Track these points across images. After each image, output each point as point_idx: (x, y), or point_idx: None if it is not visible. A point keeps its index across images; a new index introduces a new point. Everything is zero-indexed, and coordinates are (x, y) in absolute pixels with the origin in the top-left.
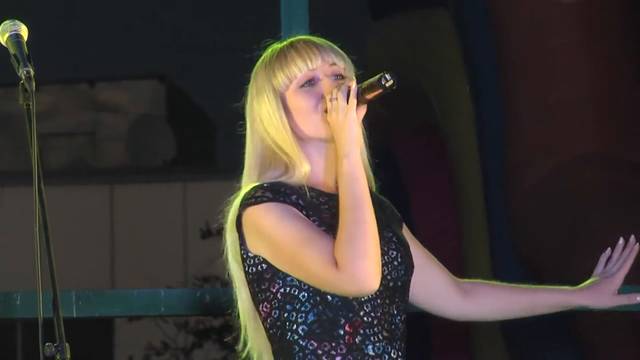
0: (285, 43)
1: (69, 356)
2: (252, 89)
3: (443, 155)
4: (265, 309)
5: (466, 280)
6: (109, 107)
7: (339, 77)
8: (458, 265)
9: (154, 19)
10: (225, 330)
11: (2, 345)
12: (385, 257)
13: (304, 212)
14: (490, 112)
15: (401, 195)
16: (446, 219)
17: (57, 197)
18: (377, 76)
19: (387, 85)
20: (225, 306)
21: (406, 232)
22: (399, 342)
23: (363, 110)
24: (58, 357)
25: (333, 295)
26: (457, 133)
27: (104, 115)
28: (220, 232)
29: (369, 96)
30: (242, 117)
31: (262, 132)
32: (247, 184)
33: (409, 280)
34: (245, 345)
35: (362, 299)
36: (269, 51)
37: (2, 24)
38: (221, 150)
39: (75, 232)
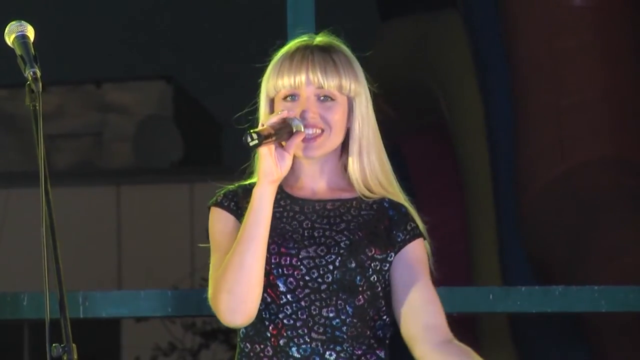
0: (290, 49)
1: (76, 357)
2: (259, 85)
3: (451, 156)
4: None
5: (456, 342)
6: (116, 108)
7: (327, 98)
8: (466, 266)
9: (161, 20)
10: (232, 332)
11: (10, 346)
12: (317, 261)
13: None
14: (501, 113)
15: (408, 196)
16: (454, 219)
17: (63, 198)
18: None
19: (250, 144)
20: None
21: (414, 252)
22: (344, 345)
23: (288, 145)
24: (65, 358)
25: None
26: (467, 133)
27: (110, 116)
28: None
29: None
30: (249, 120)
31: None
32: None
33: (355, 284)
34: None
35: (281, 301)
36: (284, 50)
37: (9, 24)
38: (228, 151)
39: (82, 233)
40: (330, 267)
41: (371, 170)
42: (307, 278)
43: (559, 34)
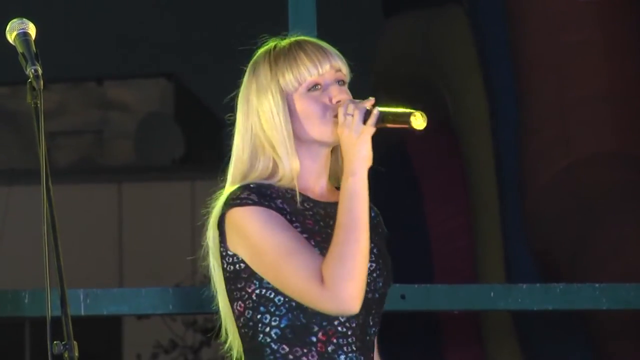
0: (290, 42)
1: (77, 354)
2: (251, 84)
3: (456, 153)
4: (239, 308)
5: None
6: (117, 105)
7: (342, 82)
8: (470, 263)
9: (162, 18)
10: None
11: (11, 344)
12: None
13: (288, 218)
14: (505, 109)
15: (413, 193)
16: (458, 216)
17: (65, 195)
18: (408, 111)
19: (416, 125)
20: None
21: None
22: (369, 354)
23: (373, 130)
24: (66, 355)
25: None
26: (471, 130)
27: (112, 114)
28: None
29: (390, 125)
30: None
31: (256, 128)
32: (234, 176)
33: (386, 293)
34: (227, 341)
35: None
36: (270, 47)
37: (10, 22)
38: (230, 148)
39: (83, 231)
40: (375, 275)
41: None
42: None
43: (564, 30)
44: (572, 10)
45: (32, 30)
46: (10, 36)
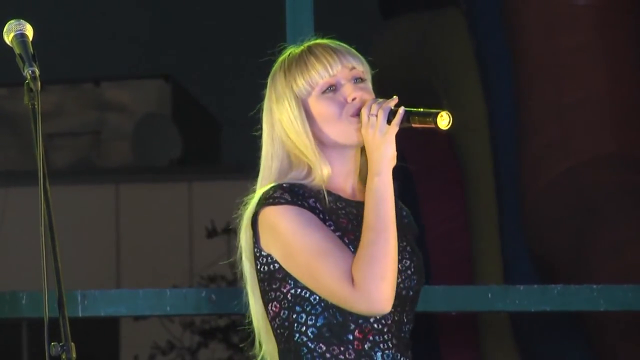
0: (302, 48)
1: (74, 356)
2: (271, 94)
3: (453, 154)
4: (274, 309)
5: None
6: (114, 106)
7: (359, 80)
8: (467, 264)
9: (159, 18)
10: (231, 330)
11: (8, 345)
12: (399, 266)
13: (321, 217)
14: (503, 110)
15: (410, 194)
16: (456, 217)
17: (62, 196)
18: (434, 111)
19: (442, 125)
20: (231, 306)
21: None
22: (406, 352)
23: (397, 129)
24: (64, 357)
25: None
26: (469, 131)
27: (109, 115)
28: (226, 231)
29: (416, 125)
30: (255, 120)
31: (282, 137)
32: (264, 186)
33: (420, 291)
34: (260, 347)
35: None
36: (285, 56)
37: (7, 23)
38: (227, 149)
39: (80, 232)
40: (409, 272)
41: None
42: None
43: (562, 32)
44: (570, 13)
45: (29, 31)
46: (8, 37)
